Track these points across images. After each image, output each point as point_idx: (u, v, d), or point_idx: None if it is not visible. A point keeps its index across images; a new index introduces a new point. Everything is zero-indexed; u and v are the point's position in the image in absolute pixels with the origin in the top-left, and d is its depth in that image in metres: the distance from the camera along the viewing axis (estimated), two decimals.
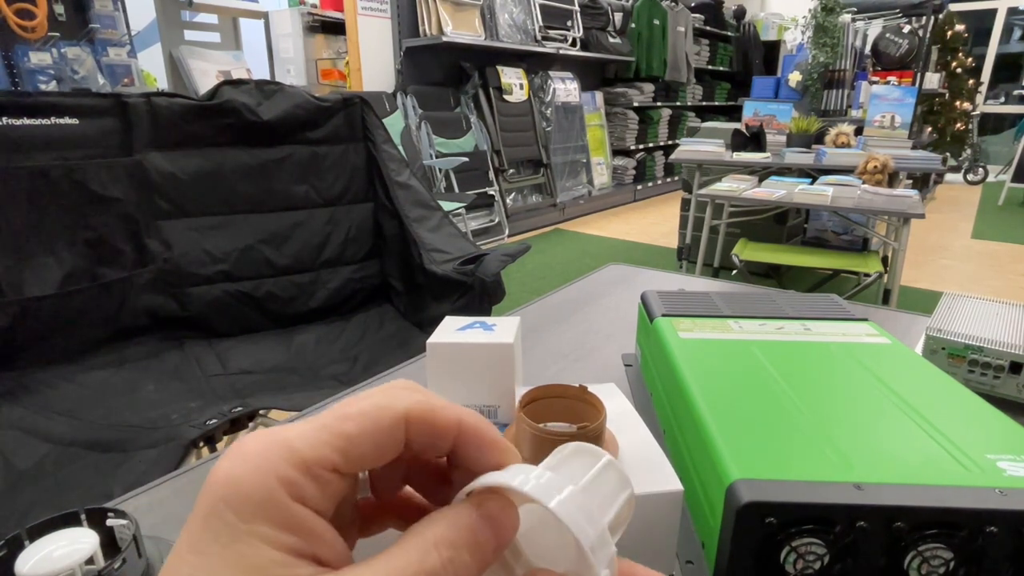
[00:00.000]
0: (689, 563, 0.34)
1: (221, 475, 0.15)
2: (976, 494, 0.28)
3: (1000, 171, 6.84)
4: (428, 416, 0.17)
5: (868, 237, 3.23)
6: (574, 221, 4.92)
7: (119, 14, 2.82)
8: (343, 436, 0.16)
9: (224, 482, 0.15)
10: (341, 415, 0.16)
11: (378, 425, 0.17)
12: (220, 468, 0.15)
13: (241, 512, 0.15)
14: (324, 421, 0.16)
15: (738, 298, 0.56)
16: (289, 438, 0.16)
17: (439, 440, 0.18)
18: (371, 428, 0.16)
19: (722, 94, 6.78)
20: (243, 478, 0.15)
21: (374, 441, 0.17)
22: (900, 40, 4.15)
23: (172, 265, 1.24)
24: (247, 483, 0.15)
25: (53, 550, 0.30)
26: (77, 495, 0.85)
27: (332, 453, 0.16)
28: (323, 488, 0.16)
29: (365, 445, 0.16)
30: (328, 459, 0.16)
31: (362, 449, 0.16)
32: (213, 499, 0.15)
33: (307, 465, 0.15)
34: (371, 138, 1.47)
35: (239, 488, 0.15)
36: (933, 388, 0.39)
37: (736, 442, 0.33)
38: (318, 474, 0.16)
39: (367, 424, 0.16)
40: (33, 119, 1.09)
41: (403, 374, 0.65)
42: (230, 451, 0.16)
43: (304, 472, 0.15)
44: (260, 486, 0.15)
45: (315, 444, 0.16)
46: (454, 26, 3.78)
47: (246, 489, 0.15)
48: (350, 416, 0.16)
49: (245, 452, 0.15)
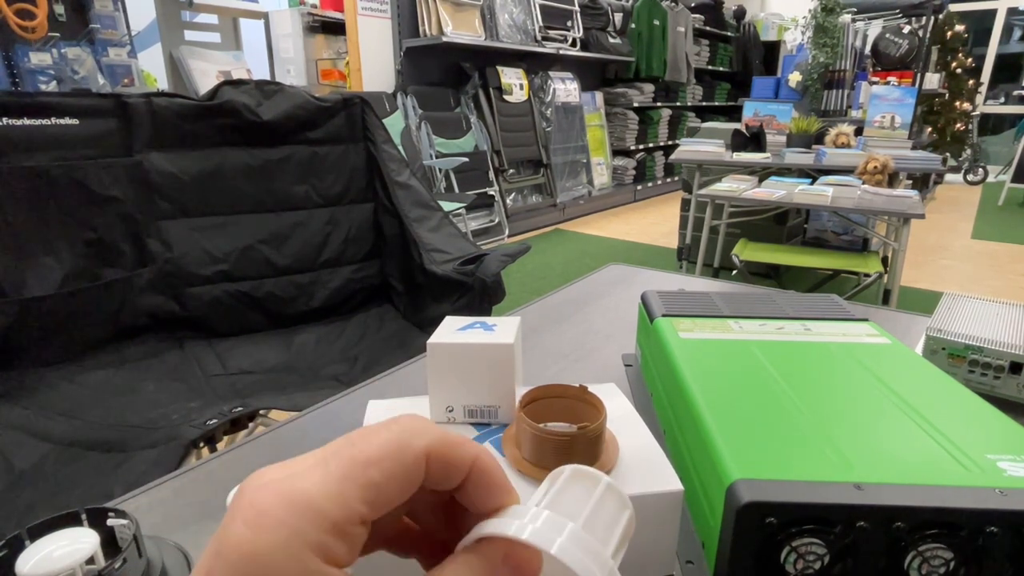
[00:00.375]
0: (689, 563, 0.34)
1: (242, 549, 0.13)
2: (976, 494, 0.28)
3: (1000, 171, 6.84)
4: (446, 453, 0.17)
5: (868, 237, 3.23)
6: (574, 221, 4.92)
7: (119, 14, 2.82)
8: (370, 486, 0.15)
9: (248, 556, 0.13)
10: (363, 460, 0.15)
11: (403, 467, 0.16)
12: (238, 537, 0.14)
13: None
14: (346, 470, 0.15)
15: (738, 298, 0.57)
16: (313, 497, 0.14)
17: (454, 477, 0.17)
18: (396, 471, 0.16)
19: (722, 94, 6.78)
20: (268, 550, 0.13)
21: (400, 484, 0.16)
22: (900, 40, 4.15)
23: (172, 265, 1.24)
24: (275, 557, 0.13)
25: (53, 550, 0.30)
26: (77, 495, 0.85)
27: (361, 506, 0.15)
28: (351, 542, 0.15)
29: (392, 490, 0.16)
30: (357, 513, 0.15)
31: (389, 495, 0.16)
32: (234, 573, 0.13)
33: (338, 525, 0.14)
34: (371, 138, 1.47)
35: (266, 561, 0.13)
36: (933, 388, 0.39)
37: (736, 442, 0.33)
38: (346, 530, 0.15)
39: (392, 468, 0.16)
40: (33, 119, 1.09)
41: (403, 374, 0.65)
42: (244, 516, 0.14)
43: (334, 534, 0.14)
44: (291, 559, 0.13)
45: (343, 501, 0.15)
46: (454, 26, 3.78)
47: (275, 562, 0.13)
48: (373, 461, 0.15)
49: (264, 518, 0.14)
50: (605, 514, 0.18)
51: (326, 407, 0.58)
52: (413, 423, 0.17)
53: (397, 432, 0.16)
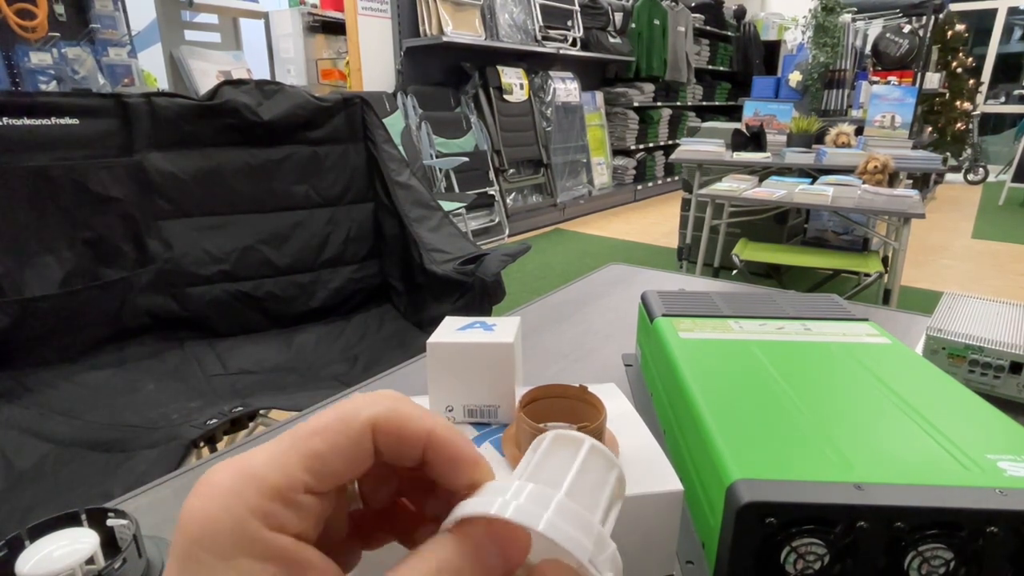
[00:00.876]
0: (689, 563, 0.34)
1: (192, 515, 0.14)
2: (976, 494, 0.28)
3: (1000, 171, 6.84)
4: (396, 425, 0.17)
5: (868, 237, 3.23)
6: (574, 221, 4.92)
7: (119, 14, 2.82)
8: (312, 455, 0.16)
9: (196, 522, 0.14)
10: (308, 432, 0.16)
11: (347, 437, 0.16)
12: (189, 507, 0.15)
13: (217, 551, 0.14)
14: (291, 441, 0.16)
15: (738, 298, 0.56)
16: (255, 466, 0.15)
17: (408, 450, 0.17)
18: (340, 441, 0.16)
19: (722, 94, 6.78)
20: (214, 516, 0.14)
21: (344, 455, 0.16)
22: (900, 40, 4.15)
23: (172, 265, 1.24)
24: (219, 521, 0.14)
25: (53, 550, 0.30)
26: (77, 495, 0.85)
27: (303, 474, 0.15)
28: (300, 511, 0.15)
29: (336, 460, 0.16)
30: (299, 481, 0.15)
31: (333, 465, 0.16)
32: (187, 542, 0.14)
33: (279, 492, 0.15)
34: (371, 138, 1.47)
35: (212, 526, 0.14)
36: (933, 388, 0.39)
37: (736, 442, 0.33)
38: (292, 499, 0.15)
39: (335, 438, 0.16)
40: (33, 119, 1.09)
41: (403, 374, 0.65)
42: (197, 488, 0.15)
43: (277, 499, 0.15)
44: (233, 522, 0.14)
45: (284, 468, 0.15)
46: (454, 26, 3.78)
47: (219, 526, 0.14)
48: (316, 431, 0.16)
49: (212, 488, 0.15)
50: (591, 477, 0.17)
51: (326, 407, 0.58)
52: (364, 397, 0.17)
53: (344, 405, 0.17)
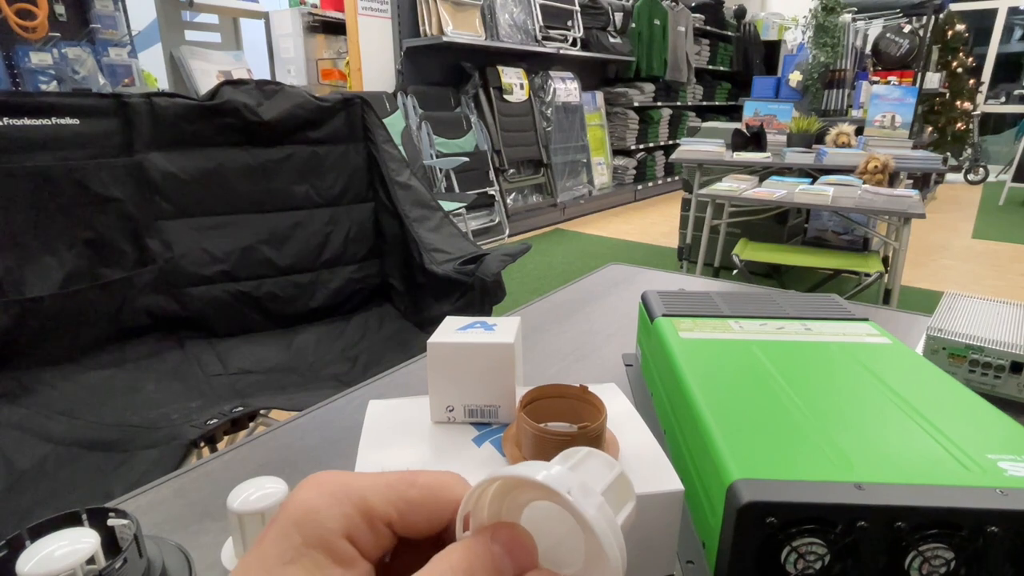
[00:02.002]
0: (689, 563, 0.34)
1: (299, 502, 0.17)
2: (977, 494, 0.28)
3: (1001, 171, 6.84)
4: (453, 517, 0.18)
5: (869, 237, 3.23)
6: (574, 221, 4.92)
7: (119, 14, 2.82)
8: (406, 500, 0.18)
9: (301, 508, 0.16)
10: (409, 482, 0.18)
11: (437, 502, 0.18)
12: (299, 496, 0.17)
13: (308, 536, 0.16)
14: (392, 481, 0.18)
15: (738, 298, 0.56)
16: (361, 484, 0.17)
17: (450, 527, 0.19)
18: (431, 502, 0.18)
19: (722, 94, 6.77)
20: (319, 508, 0.16)
21: (429, 514, 0.18)
22: (901, 40, 4.15)
23: (173, 265, 1.24)
24: (321, 513, 0.16)
25: (54, 550, 0.30)
26: (78, 495, 0.85)
27: (393, 511, 0.17)
28: (376, 538, 0.17)
29: (421, 515, 0.18)
30: (389, 514, 0.17)
31: (417, 518, 0.18)
32: (287, 521, 0.16)
33: (371, 514, 0.17)
34: (371, 138, 1.47)
35: (313, 516, 0.16)
36: (934, 388, 0.39)
37: (737, 442, 0.33)
38: (377, 525, 0.17)
39: (429, 498, 0.18)
40: (34, 119, 1.09)
41: (403, 374, 0.65)
42: (309, 483, 0.17)
43: (367, 519, 0.17)
44: (330, 518, 0.16)
45: (382, 498, 0.17)
46: (454, 26, 3.78)
47: (319, 517, 0.16)
48: (416, 485, 0.18)
49: (322, 486, 0.17)
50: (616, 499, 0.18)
51: (326, 407, 0.58)
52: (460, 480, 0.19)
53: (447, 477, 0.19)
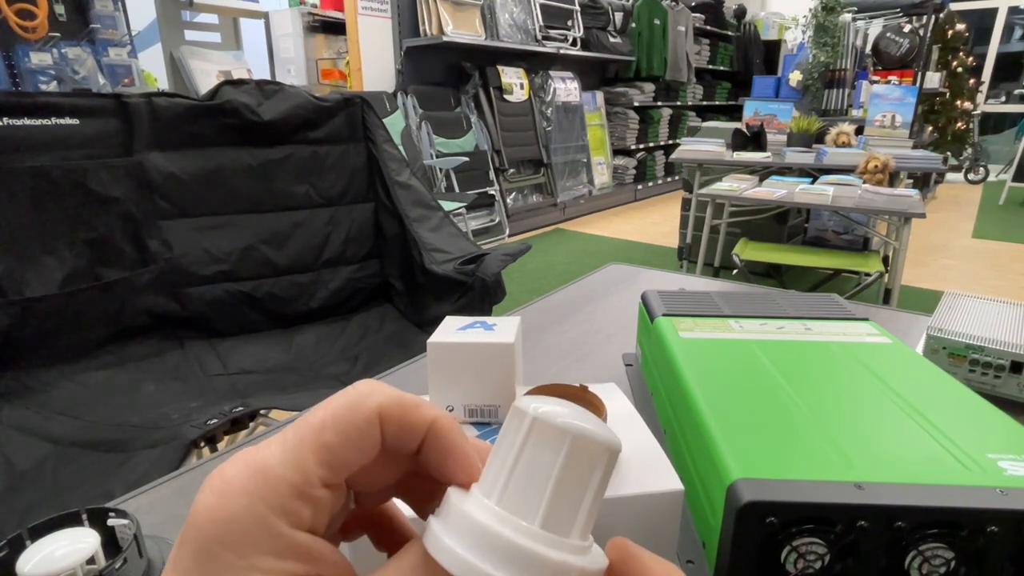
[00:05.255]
0: (689, 563, 0.34)
1: (210, 513, 0.14)
2: (977, 494, 0.28)
3: (1001, 170, 6.84)
4: (400, 412, 0.17)
5: (869, 237, 3.23)
6: (574, 221, 4.92)
7: (119, 14, 2.82)
8: (325, 447, 0.16)
9: (215, 521, 0.14)
10: (318, 424, 0.16)
11: (356, 427, 0.16)
12: (205, 506, 0.15)
13: (239, 550, 0.14)
14: (302, 433, 0.16)
15: (739, 298, 0.56)
16: (270, 463, 0.15)
17: (409, 436, 0.17)
18: (351, 431, 0.16)
19: (722, 94, 6.77)
20: (235, 514, 0.14)
21: (355, 444, 0.16)
22: (901, 39, 4.15)
23: (173, 265, 1.24)
24: (240, 519, 0.14)
25: (54, 550, 0.30)
26: (78, 495, 0.85)
27: (318, 468, 0.15)
28: (316, 506, 0.15)
29: (348, 451, 0.16)
30: (316, 475, 0.15)
31: (346, 456, 0.16)
32: (205, 540, 0.14)
33: (296, 488, 0.15)
34: (371, 138, 1.47)
35: (232, 526, 0.14)
36: (934, 388, 0.39)
37: (737, 441, 0.33)
38: (309, 494, 0.15)
39: (345, 428, 0.16)
40: (34, 119, 1.09)
41: (403, 374, 0.65)
42: (211, 485, 0.15)
43: (295, 495, 0.15)
44: (254, 520, 0.14)
45: (299, 464, 0.15)
46: (454, 26, 3.78)
47: (240, 525, 0.14)
48: (326, 424, 0.16)
49: (228, 485, 0.15)
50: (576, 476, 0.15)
51: None
52: (366, 386, 0.17)
53: (349, 394, 0.17)
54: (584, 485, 0.16)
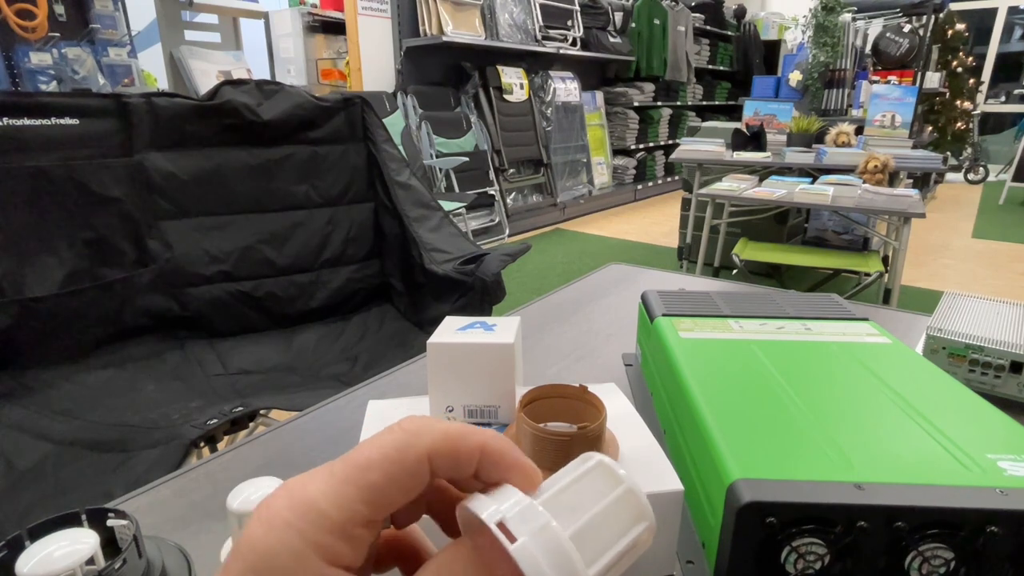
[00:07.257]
0: (689, 563, 0.34)
1: (252, 544, 0.15)
2: (977, 494, 0.28)
3: (1001, 170, 6.84)
4: (451, 448, 0.17)
5: (869, 236, 3.23)
6: (574, 221, 4.92)
7: (119, 14, 2.82)
8: (370, 488, 0.16)
9: (256, 551, 0.15)
10: (364, 465, 0.16)
11: (403, 468, 0.16)
12: (252, 535, 0.15)
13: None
14: (347, 473, 0.16)
15: (738, 298, 0.56)
16: (315, 500, 0.15)
17: (465, 467, 0.17)
18: (397, 473, 0.16)
19: (722, 94, 6.77)
20: (274, 547, 0.15)
21: (400, 486, 0.16)
22: (900, 39, 4.15)
23: (172, 265, 1.24)
24: (279, 554, 0.15)
25: (54, 550, 0.30)
26: (77, 495, 0.85)
27: (361, 507, 0.16)
28: (355, 544, 0.16)
29: (393, 491, 0.16)
30: (358, 515, 0.16)
31: (390, 496, 0.16)
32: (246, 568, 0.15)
33: (338, 526, 0.15)
34: (371, 138, 1.47)
35: (272, 559, 0.15)
36: (934, 388, 0.39)
37: (737, 442, 0.33)
38: (349, 532, 0.15)
39: (392, 470, 0.16)
40: (33, 119, 1.09)
41: (403, 374, 0.65)
42: (258, 514, 0.15)
43: (336, 534, 0.15)
44: (292, 555, 0.15)
45: (342, 502, 0.15)
46: (454, 26, 3.78)
47: (279, 560, 0.15)
48: (373, 465, 0.16)
49: (272, 518, 0.15)
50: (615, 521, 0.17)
51: (326, 407, 0.58)
52: (414, 423, 0.17)
53: (398, 434, 0.17)
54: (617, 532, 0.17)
